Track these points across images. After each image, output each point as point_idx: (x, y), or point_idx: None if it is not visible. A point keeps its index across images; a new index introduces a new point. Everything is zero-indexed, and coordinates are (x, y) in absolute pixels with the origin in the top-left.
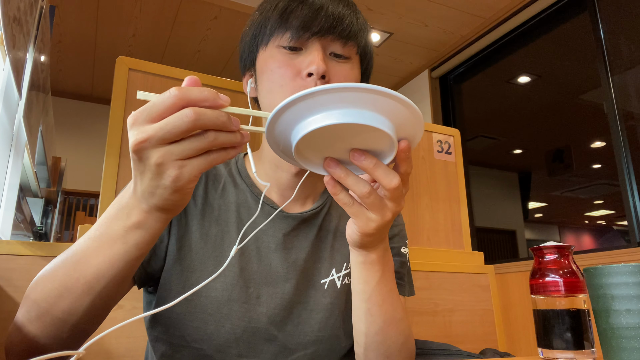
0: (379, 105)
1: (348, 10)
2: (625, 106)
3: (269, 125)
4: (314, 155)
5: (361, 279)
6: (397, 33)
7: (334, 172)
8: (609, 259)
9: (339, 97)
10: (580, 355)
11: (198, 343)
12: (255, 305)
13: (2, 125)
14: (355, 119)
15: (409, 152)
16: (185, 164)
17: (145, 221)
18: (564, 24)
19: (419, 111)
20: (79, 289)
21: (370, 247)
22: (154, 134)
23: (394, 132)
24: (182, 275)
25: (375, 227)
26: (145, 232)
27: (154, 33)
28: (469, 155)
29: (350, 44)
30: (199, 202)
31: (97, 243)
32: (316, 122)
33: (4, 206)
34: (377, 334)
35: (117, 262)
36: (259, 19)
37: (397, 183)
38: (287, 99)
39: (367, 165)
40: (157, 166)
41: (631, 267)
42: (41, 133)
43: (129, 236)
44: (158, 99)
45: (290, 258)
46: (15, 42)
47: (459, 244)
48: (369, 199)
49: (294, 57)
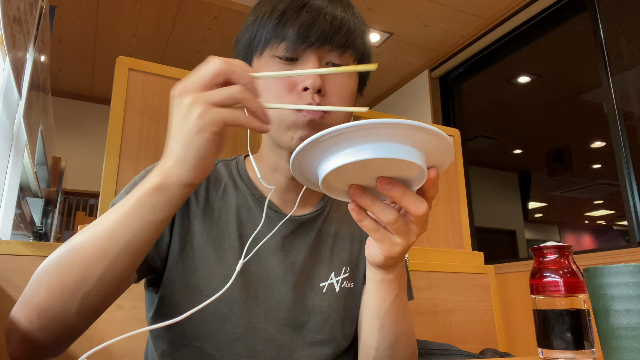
0: (410, 138)
1: (346, 15)
2: (625, 106)
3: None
4: (339, 183)
5: (378, 296)
6: (397, 33)
7: (360, 200)
8: (609, 259)
9: (370, 132)
10: (580, 355)
11: (198, 341)
12: (254, 305)
13: (2, 125)
14: (388, 154)
15: (438, 179)
16: (212, 108)
17: (163, 182)
18: (564, 24)
19: (449, 139)
20: (93, 254)
21: (392, 267)
22: (193, 81)
23: (424, 162)
24: (185, 274)
25: (400, 250)
26: (161, 195)
27: (154, 33)
28: (469, 155)
29: (348, 53)
30: (200, 203)
31: (115, 213)
32: (347, 157)
33: (4, 206)
34: (388, 349)
35: (131, 226)
36: (253, 27)
37: (425, 210)
38: (317, 134)
39: (395, 194)
40: (189, 105)
41: (631, 267)
42: (41, 133)
43: (146, 199)
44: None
45: (289, 260)
46: (15, 42)
47: (459, 244)
48: (396, 225)
49: (290, 69)
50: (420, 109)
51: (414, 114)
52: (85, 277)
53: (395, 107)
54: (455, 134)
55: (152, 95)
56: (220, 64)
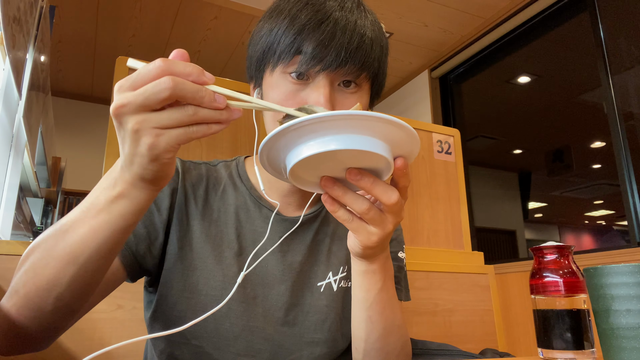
0: (373, 129)
1: (366, 28)
2: (625, 106)
3: (262, 149)
4: (309, 175)
5: (363, 287)
6: (397, 33)
7: (332, 191)
8: (609, 259)
9: (333, 124)
10: (580, 355)
11: (197, 340)
12: (252, 305)
13: (2, 125)
14: (352, 145)
15: (406, 168)
16: (162, 133)
17: (128, 191)
18: (564, 24)
19: (414, 131)
20: (63, 258)
21: (373, 257)
22: (133, 100)
23: (389, 153)
24: (183, 273)
25: (377, 239)
26: (129, 202)
27: (154, 33)
28: (469, 155)
29: (363, 75)
30: (199, 203)
31: (84, 214)
32: (311, 149)
33: (4, 206)
34: (377, 341)
35: (101, 232)
36: (269, 38)
37: (396, 199)
38: (279, 127)
39: (365, 184)
40: (134, 132)
41: (631, 267)
42: (41, 133)
43: (114, 206)
44: (144, 67)
45: (287, 261)
46: (15, 42)
47: (459, 244)
48: (369, 215)
49: (301, 89)
50: (420, 109)
51: (414, 114)
52: (57, 280)
53: (395, 107)
54: (455, 134)
55: None
56: (168, 85)
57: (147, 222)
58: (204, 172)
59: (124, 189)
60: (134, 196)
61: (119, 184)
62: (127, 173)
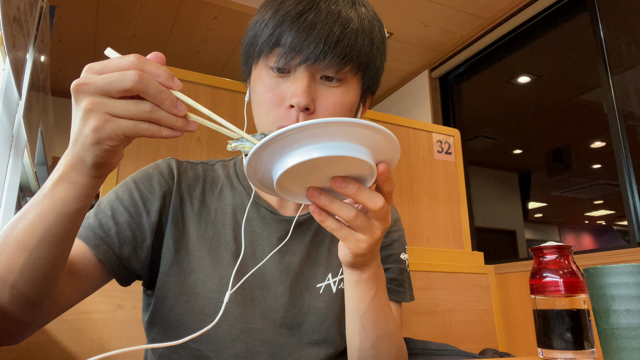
0: (354, 135)
1: (353, 18)
2: (625, 106)
3: (248, 163)
4: (295, 186)
5: (356, 297)
6: (397, 33)
7: (318, 201)
8: (609, 259)
9: (314, 132)
10: (580, 355)
11: (196, 343)
12: (250, 307)
13: (2, 125)
14: (333, 152)
15: (389, 173)
16: (111, 120)
17: (68, 174)
18: (564, 24)
19: (393, 135)
20: (15, 244)
21: (364, 266)
22: (96, 81)
23: (371, 158)
24: (180, 276)
25: (366, 246)
26: (69, 186)
27: (154, 33)
28: (469, 155)
29: (346, 69)
30: (195, 205)
31: (35, 199)
32: (294, 159)
33: (4, 206)
34: (371, 349)
35: (46, 217)
36: (252, 32)
37: (381, 204)
38: (258, 143)
39: (350, 191)
40: (85, 112)
41: (631, 267)
42: (41, 133)
43: (55, 190)
44: (117, 58)
45: (285, 262)
46: (15, 42)
47: (459, 244)
48: (356, 222)
49: (281, 82)
50: (420, 109)
51: (414, 114)
52: (10, 267)
53: (395, 107)
54: (455, 134)
55: None
56: (133, 77)
57: (133, 224)
58: (201, 173)
59: (65, 170)
60: (73, 179)
61: (61, 166)
62: (70, 154)
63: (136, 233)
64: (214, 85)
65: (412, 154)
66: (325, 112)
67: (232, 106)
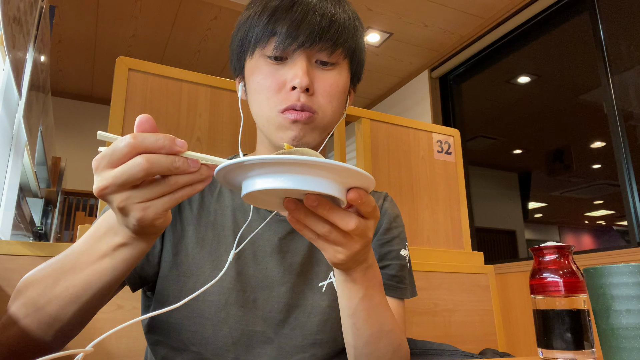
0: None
1: (337, 12)
2: (625, 106)
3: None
4: (269, 198)
5: (344, 296)
6: (397, 33)
7: (294, 214)
8: (609, 259)
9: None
10: (580, 355)
11: (196, 347)
12: (252, 308)
13: (2, 125)
14: (302, 186)
15: (362, 198)
16: (149, 206)
17: (130, 242)
18: (564, 24)
19: (366, 173)
20: (67, 297)
21: (348, 270)
22: (114, 181)
23: (341, 192)
24: (179, 280)
25: (343, 258)
26: (132, 250)
27: (154, 33)
28: (469, 155)
29: (338, 51)
30: (194, 207)
31: (86, 257)
32: (264, 184)
33: (4, 206)
34: (365, 347)
35: (105, 276)
36: (245, 26)
37: (354, 225)
38: (232, 161)
39: (322, 212)
40: (120, 209)
41: (631, 267)
42: (41, 133)
43: (117, 253)
44: (116, 145)
45: (286, 262)
46: (15, 42)
47: (459, 244)
48: (331, 237)
49: (279, 68)
50: (420, 109)
51: (414, 114)
52: (59, 316)
53: (395, 107)
54: (455, 134)
55: (152, 95)
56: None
57: None
58: None
59: (126, 240)
60: (136, 245)
61: (119, 235)
62: (126, 231)
63: None
64: (214, 85)
65: (412, 154)
66: (323, 93)
67: (232, 106)
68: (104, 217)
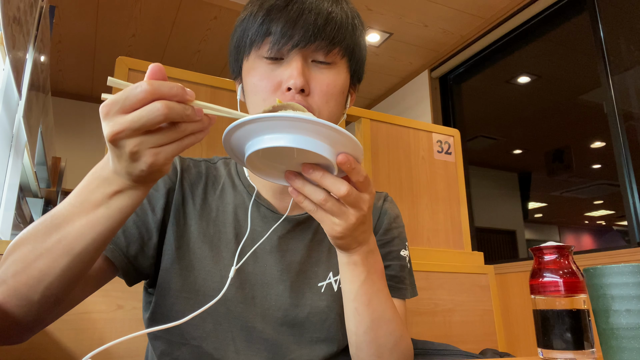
0: (315, 132)
1: (334, 10)
2: (625, 106)
3: (225, 136)
4: (266, 166)
5: (346, 278)
6: (397, 33)
7: (293, 183)
8: (609, 259)
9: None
10: (580, 355)
11: (197, 341)
12: (250, 305)
13: (2, 125)
14: (295, 144)
15: (351, 164)
16: (160, 151)
17: (126, 189)
18: (564, 24)
19: (353, 138)
20: (59, 249)
21: (349, 249)
22: (129, 125)
23: (331, 154)
24: (181, 274)
25: (341, 230)
26: (127, 198)
27: (154, 33)
28: (469, 155)
29: (334, 51)
30: (197, 203)
31: (79, 208)
32: (261, 143)
33: (3, 206)
34: (366, 333)
35: (98, 225)
36: (241, 26)
37: (344, 191)
38: (239, 119)
39: (315, 177)
40: (133, 154)
41: (631, 267)
42: (41, 133)
43: (112, 201)
44: (131, 91)
45: (285, 261)
46: (15, 42)
47: (459, 244)
48: (327, 205)
49: (275, 68)
50: (420, 109)
51: (414, 114)
52: (49, 270)
53: (395, 107)
54: (455, 134)
55: None
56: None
57: (139, 222)
58: (204, 171)
59: (121, 187)
60: (131, 193)
61: (115, 184)
62: (124, 178)
63: (142, 231)
64: (214, 85)
65: (412, 154)
66: (320, 93)
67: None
68: (92, 172)
